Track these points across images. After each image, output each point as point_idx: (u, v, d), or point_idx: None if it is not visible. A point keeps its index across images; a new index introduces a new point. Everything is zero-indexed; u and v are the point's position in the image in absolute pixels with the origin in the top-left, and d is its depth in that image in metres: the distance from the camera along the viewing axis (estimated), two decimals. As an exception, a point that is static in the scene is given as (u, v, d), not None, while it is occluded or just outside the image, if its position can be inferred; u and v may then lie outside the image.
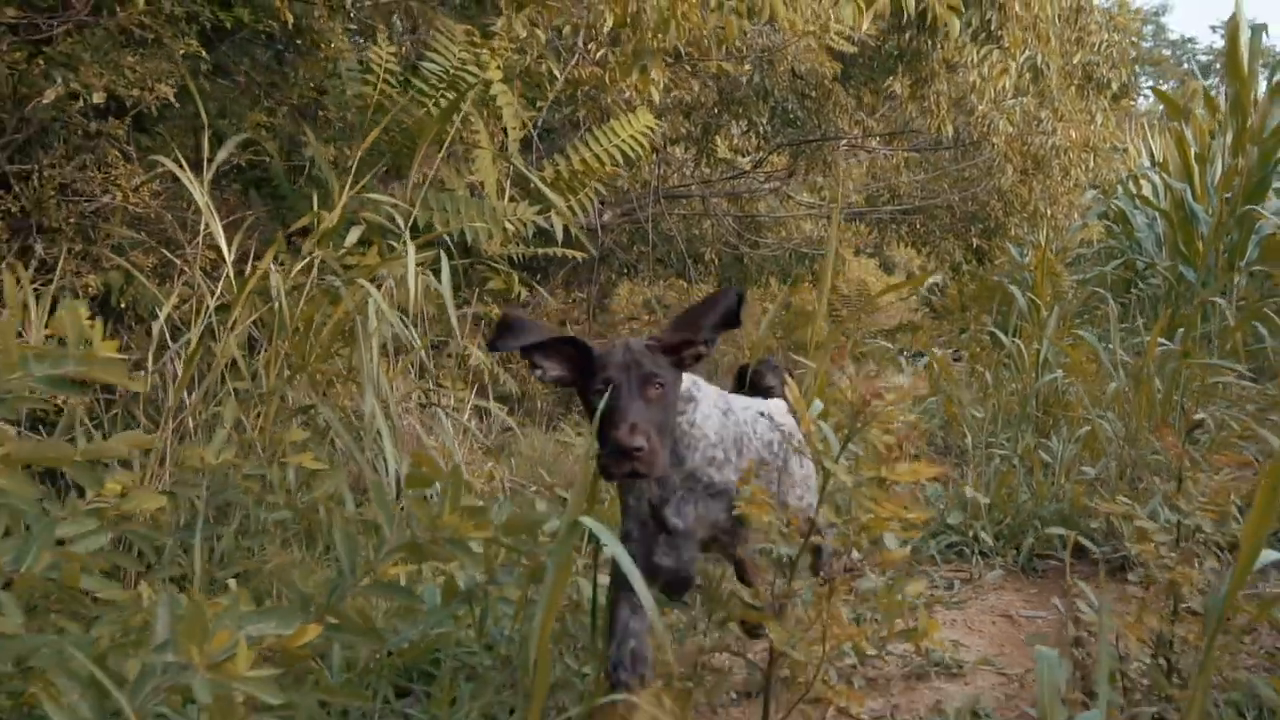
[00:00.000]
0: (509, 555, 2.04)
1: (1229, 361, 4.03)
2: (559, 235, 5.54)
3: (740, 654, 1.99)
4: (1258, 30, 7.14)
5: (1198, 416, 2.64)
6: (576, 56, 5.88)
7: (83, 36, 3.96)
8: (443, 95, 5.12)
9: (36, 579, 1.57)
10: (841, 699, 1.66)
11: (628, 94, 5.83)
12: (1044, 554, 3.15)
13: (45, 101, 3.75)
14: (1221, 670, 1.74)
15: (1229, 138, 7.31)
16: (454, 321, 3.72)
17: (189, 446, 2.84)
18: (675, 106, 7.67)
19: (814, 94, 8.52)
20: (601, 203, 8.14)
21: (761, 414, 2.35)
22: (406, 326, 3.83)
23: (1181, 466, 1.77)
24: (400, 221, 4.19)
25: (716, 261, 10.45)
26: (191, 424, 3.50)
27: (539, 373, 2.08)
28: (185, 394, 3.51)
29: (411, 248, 3.61)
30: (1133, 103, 14.92)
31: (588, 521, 1.66)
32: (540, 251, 5.61)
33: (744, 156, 10.49)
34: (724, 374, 6.37)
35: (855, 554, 1.79)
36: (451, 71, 5.16)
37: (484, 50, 5.25)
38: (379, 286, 3.99)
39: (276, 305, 3.81)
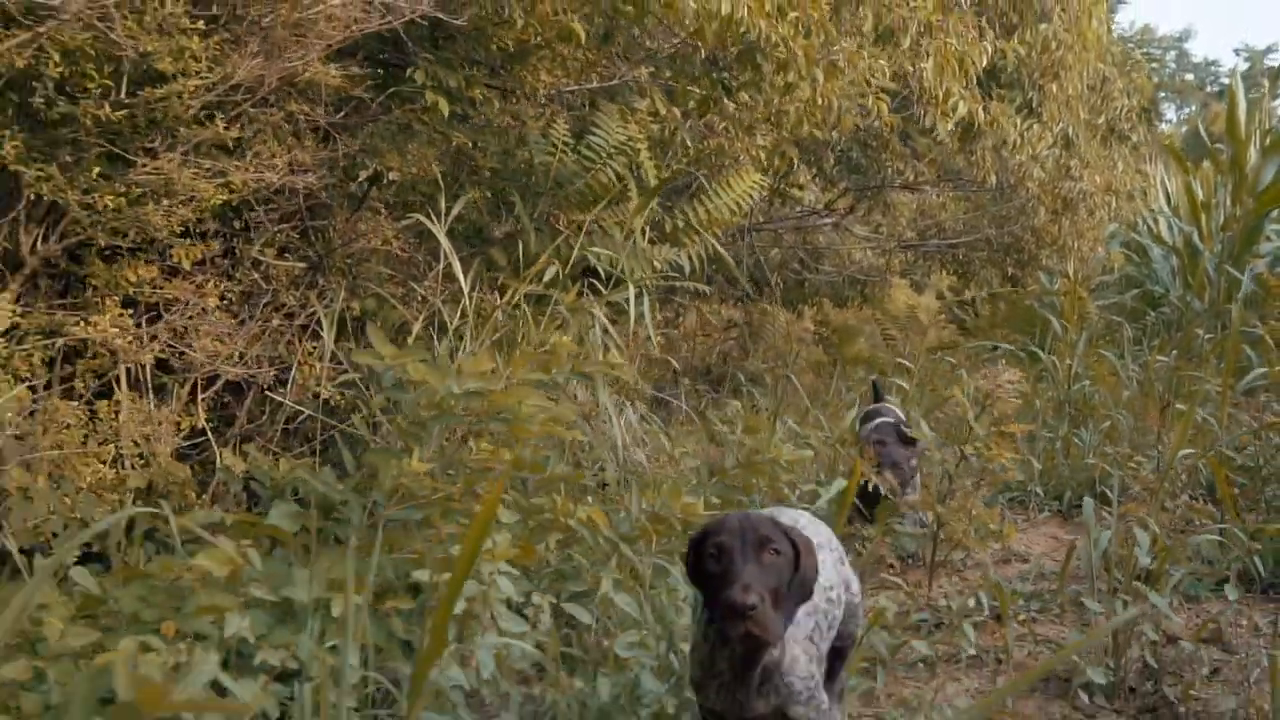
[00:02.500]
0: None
1: (1210, 374, 5.43)
2: (686, 269, 7.00)
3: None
4: (1254, 101, 8.57)
5: (1178, 407, 4.10)
6: (689, 123, 7.32)
7: (376, 128, 5.42)
8: (606, 163, 6.58)
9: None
10: (974, 545, 3.12)
11: (741, 157, 7.27)
12: (1077, 505, 4.59)
13: (362, 179, 5.24)
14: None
15: (1229, 188, 8.73)
16: (653, 337, 5.18)
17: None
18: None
19: (874, 144, 9.95)
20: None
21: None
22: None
23: (1160, 428, 3.21)
24: (595, 263, 5.68)
25: (781, 285, 11.90)
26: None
27: None
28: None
29: (632, 288, 5.06)
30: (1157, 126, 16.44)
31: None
32: (677, 284, 7.05)
33: (800, 189, 11.93)
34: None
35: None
36: (612, 143, 6.62)
37: (633, 124, 6.70)
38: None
39: (512, 325, 5.26)
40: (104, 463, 4.59)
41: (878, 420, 4.27)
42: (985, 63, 5.87)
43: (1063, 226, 10.36)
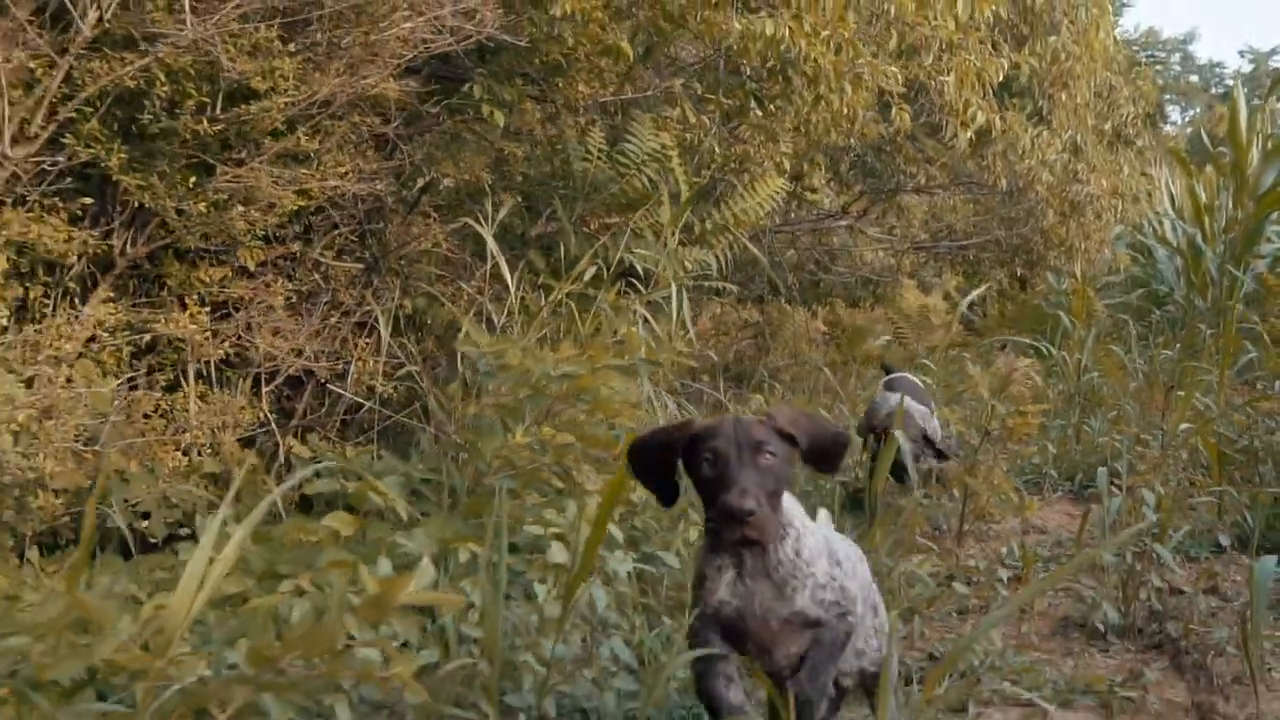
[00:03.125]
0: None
1: (1210, 365, 5.81)
2: (714, 269, 7.39)
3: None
4: (1254, 110, 8.94)
5: (1179, 393, 4.49)
6: (715, 130, 7.70)
7: (431, 138, 5.81)
8: (639, 169, 6.96)
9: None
10: (998, 515, 3.50)
11: (765, 163, 7.65)
12: (1088, 485, 4.97)
13: (419, 185, 5.63)
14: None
15: (1231, 192, 9.11)
16: (690, 329, 5.55)
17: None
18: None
19: (888, 149, 10.33)
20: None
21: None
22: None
23: (1164, 410, 3.59)
24: (636, 264, 6.06)
25: (797, 285, 12.27)
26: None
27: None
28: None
29: (674, 286, 5.44)
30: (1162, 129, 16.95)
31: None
32: (706, 284, 7.43)
33: (814, 193, 12.32)
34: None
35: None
36: (645, 150, 7.00)
37: (664, 132, 7.08)
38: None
39: (556, 322, 5.63)
40: (179, 450, 4.98)
41: (898, 390, 4.59)
42: (1001, 77, 6.27)
43: (1070, 228, 10.69)
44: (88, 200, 4.48)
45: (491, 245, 5.66)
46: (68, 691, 1.56)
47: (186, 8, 3.66)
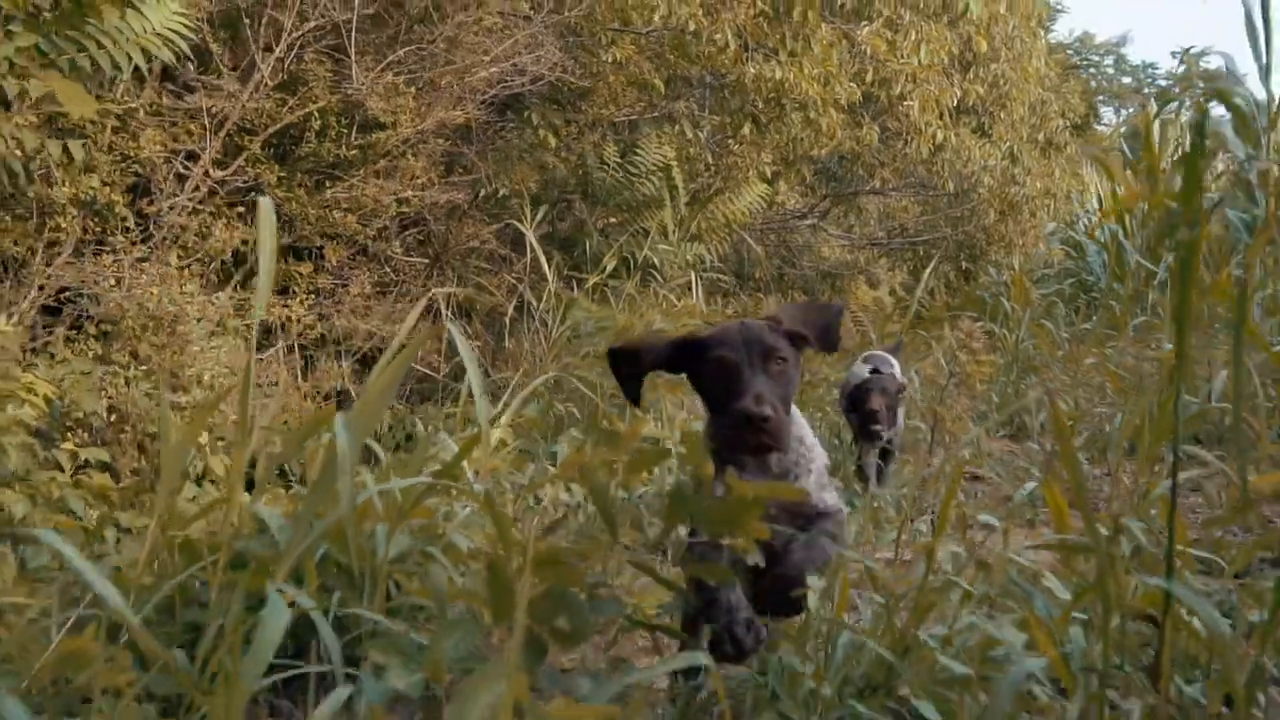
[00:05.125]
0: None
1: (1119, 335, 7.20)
2: (707, 262, 8.66)
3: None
4: (1166, 122, 10.38)
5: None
6: (707, 141, 8.98)
7: (489, 156, 7.05)
8: (646, 177, 8.22)
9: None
10: (958, 435, 4.79)
11: (750, 172, 8.94)
12: (1023, 428, 6.30)
13: (482, 194, 6.87)
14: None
15: (1147, 194, 10.53)
16: (703, 308, 6.83)
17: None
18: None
19: (848, 157, 11.66)
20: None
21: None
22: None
23: (1077, 355, 4.91)
24: (653, 257, 7.31)
25: (764, 279, 13.59)
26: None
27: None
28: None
29: (693, 275, 6.70)
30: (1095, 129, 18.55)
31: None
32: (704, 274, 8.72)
33: (776, 194, 13.66)
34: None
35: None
36: (650, 161, 8.27)
37: (666, 145, 8.36)
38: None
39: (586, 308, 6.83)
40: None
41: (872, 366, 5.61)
42: (954, 103, 7.62)
43: (1009, 226, 12.05)
44: (240, 209, 5.67)
45: (533, 243, 6.90)
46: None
47: (353, 67, 4.86)
